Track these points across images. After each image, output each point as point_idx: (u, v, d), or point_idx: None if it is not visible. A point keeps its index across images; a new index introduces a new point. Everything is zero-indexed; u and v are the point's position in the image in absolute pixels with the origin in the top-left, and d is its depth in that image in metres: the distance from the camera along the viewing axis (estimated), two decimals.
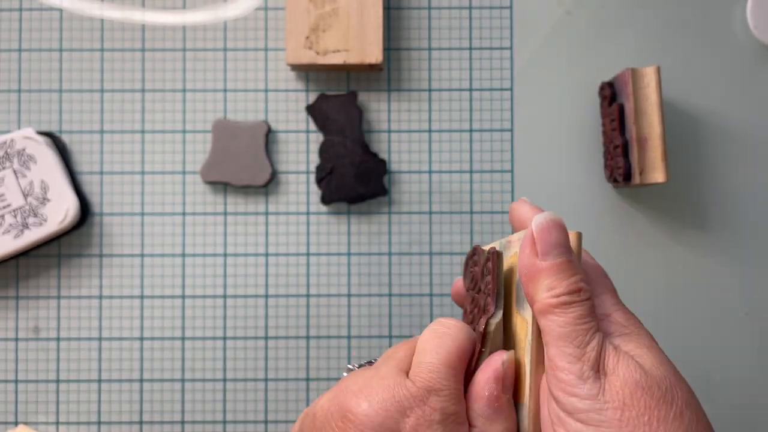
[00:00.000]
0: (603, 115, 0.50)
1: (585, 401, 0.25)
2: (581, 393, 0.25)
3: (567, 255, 0.28)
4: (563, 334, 0.26)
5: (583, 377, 0.25)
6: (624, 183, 0.48)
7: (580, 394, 0.25)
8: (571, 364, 0.26)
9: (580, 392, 0.25)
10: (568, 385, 0.26)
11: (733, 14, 0.51)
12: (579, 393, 0.25)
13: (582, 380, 0.25)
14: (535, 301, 0.27)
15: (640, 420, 0.24)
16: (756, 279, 0.51)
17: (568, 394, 0.26)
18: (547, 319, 0.27)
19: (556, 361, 0.26)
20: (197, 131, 0.51)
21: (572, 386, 0.25)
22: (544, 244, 0.28)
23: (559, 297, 0.27)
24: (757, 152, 0.51)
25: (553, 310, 0.27)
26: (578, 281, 0.27)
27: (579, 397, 0.25)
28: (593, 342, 0.26)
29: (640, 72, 0.46)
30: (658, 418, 0.25)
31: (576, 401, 0.25)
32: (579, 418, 0.25)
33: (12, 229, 0.48)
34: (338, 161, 0.50)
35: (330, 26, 0.49)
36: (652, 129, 0.46)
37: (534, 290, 0.27)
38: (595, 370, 0.26)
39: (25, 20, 0.51)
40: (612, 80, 0.49)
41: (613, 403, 0.25)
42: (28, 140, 0.48)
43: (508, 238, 0.33)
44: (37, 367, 0.50)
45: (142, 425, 0.50)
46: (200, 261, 0.51)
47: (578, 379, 0.25)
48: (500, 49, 0.52)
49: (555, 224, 0.28)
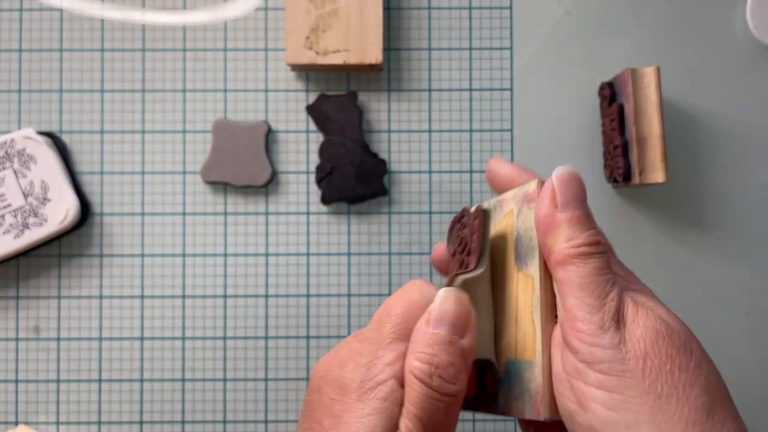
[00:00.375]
0: (603, 115, 0.50)
1: (606, 351, 0.25)
2: (602, 343, 0.25)
3: (585, 208, 0.28)
4: (583, 284, 0.26)
5: (604, 327, 0.25)
6: (624, 183, 0.48)
7: (601, 344, 0.25)
8: (591, 314, 0.25)
9: (601, 342, 0.25)
10: (588, 335, 0.25)
11: (733, 14, 0.51)
12: (600, 343, 0.25)
13: (603, 330, 0.25)
14: (552, 251, 0.27)
15: (663, 369, 0.25)
16: (756, 279, 0.51)
17: (589, 344, 0.25)
18: (566, 269, 0.27)
19: (575, 312, 0.26)
20: (197, 131, 0.51)
21: (593, 336, 0.25)
22: (565, 195, 0.28)
23: (579, 247, 0.27)
24: (757, 152, 0.51)
25: (573, 260, 0.26)
26: (596, 234, 0.27)
27: (600, 347, 0.25)
28: (612, 293, 0.26)
29: (640, 72, 0.46)
30: (680, 367, 0.25)
31: (597, 351, 0.25)
32: (600, 369, 0.25)
33: (12, 229, 0.48)
34: (338, 161, 0.50)
35: (330, 26, 0.49)
36: (651, 129, 0.46)
37: (552, 241, 0.27)
38: (615, 320, 0.25)
39: (26, 20, 0.52)
40: (612, 80, 0.49)
41: (635, 352, 0.25)
42: (28, 140, 0.48)
43: (499, 197, 0.33)
44: (38, 367, 0.50)
45: (143, 425, 0.50)
46: (200, 261, 0.51)
47: (599, 329, 0.25)
48: (500, 49, 0.52)
49: (575, 177, 0.28)
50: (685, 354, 0.25)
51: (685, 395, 0.24)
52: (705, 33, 0.51)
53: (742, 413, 0.29)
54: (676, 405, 0.24)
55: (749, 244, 0.51)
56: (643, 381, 0.24)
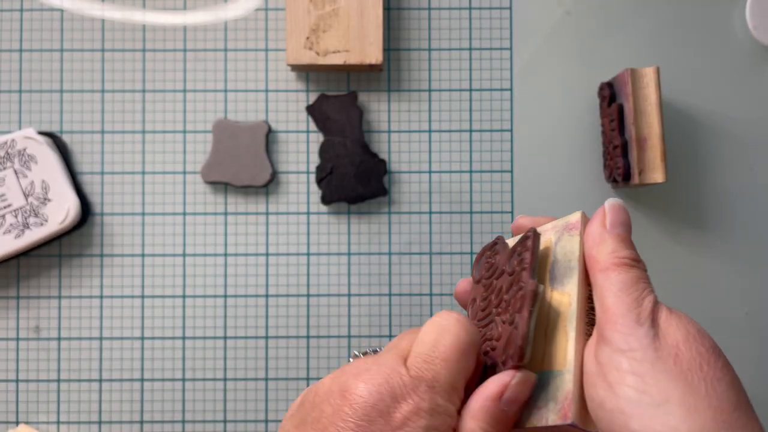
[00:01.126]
0: (602, 116, 0.50)
1: (642, 340, 0.27)
2: (638, 334, 0.27)
3: (629, 232, 0.31)
4: (623, 287, 0.28)
5: (640, 322, 0.27)
6: (623, 183, 0.48)
7: (637, 334, 0.27)
8: (628, 311, 0.28)
9: (636, 333, 0.27)
10: (624, 327, 0.27)
11: (733, 15, 0.51)
12: (635, 333, 0.27)
13: (639, 324, 0.27)
14: (598, 260, 0.30)
15: (693, 363, 0.26)
16: (756, 279, 0.51)
17: (625, 334, 0.27)
18: (608, 275, 0.29)
19: (614, 309, 0.28)
20: (198, 131, 0.51)
21: (629, 328, 0.27)
22: (614, 218, 0.31)
23: (622, 258, 0.30)
24: (756, 152, 0.51)
25: (616, 268, 0.29)
26: (636, 254, 0.30)
27: (635, 336, 0.27)
28: (648, 298, 0.28)
29: (640, 72, 0.46)
30: (709, 364, 0.26)
31: (632, 340, 0.27)
32: (633, 356, 0.27)
33: (13, 229, 0.48)
34: (338, 161, 0.50)
35: (330, 27, 0.49)
36: (651, 129, 0.46)
37: (598, 252, 0.30)
38: (650, 318, 0.28)
39: (26, 21, 0.52)
40: (611, 80, 0.49)
41: (668, 345, 0.27)
42: (29, 140, 0.48)
43: (540, 228, 0.35)
44: (38, 367, 0.50)
45: (143, 425, 0.50)
46: (201, 261, 0.51)
47: (635, 323, 0.27)
48: (500, 50, 0.52)
49: (623, 208, 0.32)
50: (714, 354, 0.27)
51: (713, 388, 0.26)
52: (705, 33, 0.51)
53: None
54: (705, 394, 0.26)
55: (749, 244, 0.51)
56: (674, 369, 0.26)
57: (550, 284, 0.32)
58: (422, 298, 0.51)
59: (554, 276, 0.32)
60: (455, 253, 0.51)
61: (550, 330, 0.31)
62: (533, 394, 0.30)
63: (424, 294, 0.51)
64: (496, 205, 0.51)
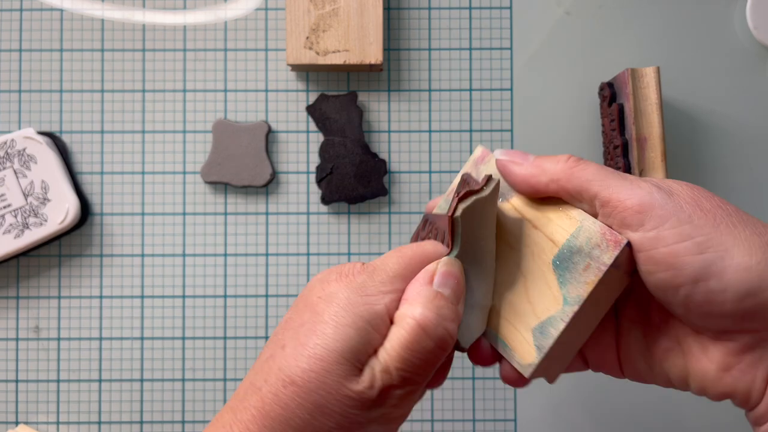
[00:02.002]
0: (603, 116, 0.50)
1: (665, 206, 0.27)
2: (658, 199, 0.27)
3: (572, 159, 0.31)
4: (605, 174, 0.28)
5: (651, 193, 0.27)
6: None
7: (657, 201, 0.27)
8: (632, 190, 0.27)
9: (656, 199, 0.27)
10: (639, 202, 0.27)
11: (733, 15, 0.51)
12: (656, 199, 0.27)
13: (650, 195, 0.27)
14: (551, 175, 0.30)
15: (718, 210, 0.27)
16: None
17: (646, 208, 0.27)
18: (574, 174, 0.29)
19: (617, 194, 0.28)
20: (198, 131, 0.51)
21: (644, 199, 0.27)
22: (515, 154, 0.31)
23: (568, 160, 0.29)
24: (756, 152, 0.51)
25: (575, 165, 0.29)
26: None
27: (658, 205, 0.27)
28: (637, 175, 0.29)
29: (640, 72, 0.46)
30: (733, 211, 0.27)
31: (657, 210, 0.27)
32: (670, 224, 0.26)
33: (12, 229, 0.48)
34: (338, 161, 0.50)
35: (330, 26, 0.49)
36: (651, 129, 0.46)
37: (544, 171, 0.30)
38: (656, 185, 0.27)
39: (26, 20, 0.52)
40: (611, 80, 0.49)
41: (686, 198, 0.27)
42: (28, 140, 0.48)
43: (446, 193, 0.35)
44: (38, 367, 0.50)
45: (143, 425, 0.50)
46: (200, 261, 0.51)
47: (647, 194, 0.27)
48: (500, 50, 0.52)
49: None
50: (729, 204, 0.27)
51: (749, 220, 0.27)
52: (705, 33, 0.51)
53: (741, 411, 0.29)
54: (744, 226, 0.26)
55: None
56: (708, 216, 0.26)
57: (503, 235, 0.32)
58: None
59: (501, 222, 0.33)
60: None
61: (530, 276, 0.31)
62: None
63: None
64: None
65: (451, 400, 0.51)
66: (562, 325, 0.29)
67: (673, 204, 0.27)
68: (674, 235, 0.26)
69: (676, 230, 0.26)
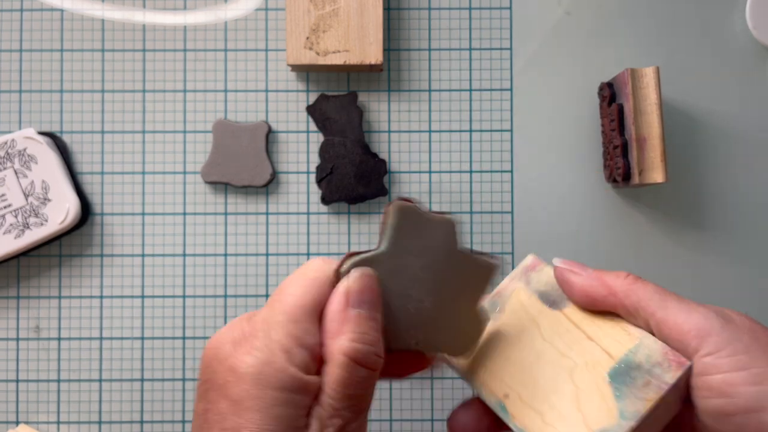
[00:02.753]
0: (602, 116, 0.50)
1: (723, 333, 0.26)
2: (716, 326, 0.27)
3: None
4: (663, 293, 0.29)
5: (709, 317, 0.27)
6: (623, 183, 0.48)
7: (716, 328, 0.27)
8: (689, 313, 0.27)
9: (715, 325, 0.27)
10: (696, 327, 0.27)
11: (733, 15, 0.51)
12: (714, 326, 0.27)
13: (708, 319, 0.27)
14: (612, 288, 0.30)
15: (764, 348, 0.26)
16: (755, 279, 0.51)
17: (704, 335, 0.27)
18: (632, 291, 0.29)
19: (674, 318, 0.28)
20: (198, 131, 0.51)
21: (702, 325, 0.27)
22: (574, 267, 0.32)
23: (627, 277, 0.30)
24: (756, 152, 0.51)
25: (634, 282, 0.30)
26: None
27: (716, 334, 0.27)
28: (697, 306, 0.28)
29: (640, 72, 0.46)
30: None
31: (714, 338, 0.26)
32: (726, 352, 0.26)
33: (13, 229, 0.48)
34: (338, 161, 0.50)
35: (330, 27, 0.49)
36: (651, 129, 0.46)
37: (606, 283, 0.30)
38: (714, 311, 0.27)
39: (26, 21, 0.52)
40: (611, 80, 0.49)
41: (743, 325, 0.27)
42: (29, 140, 0.48)
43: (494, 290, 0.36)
44: (38, 367, 0.50)
45: (143, 425, 0.50)
46: (201, 261, 0.51)
47: (704, 319, 0.27)
48: (500, 50, 0.52)
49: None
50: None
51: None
52: (704, 33, 0.51)
53: None
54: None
55: (749, 244, 0.51)
56: (765, 349, 0.26)
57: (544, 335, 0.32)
58: None
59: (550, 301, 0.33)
60: None
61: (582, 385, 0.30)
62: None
63: None
64: (496, 205, 0.51)
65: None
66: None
67: (730, 332, 0.26)
68: (730, 363, 0.26)
69: (733, 359, 0.26)
